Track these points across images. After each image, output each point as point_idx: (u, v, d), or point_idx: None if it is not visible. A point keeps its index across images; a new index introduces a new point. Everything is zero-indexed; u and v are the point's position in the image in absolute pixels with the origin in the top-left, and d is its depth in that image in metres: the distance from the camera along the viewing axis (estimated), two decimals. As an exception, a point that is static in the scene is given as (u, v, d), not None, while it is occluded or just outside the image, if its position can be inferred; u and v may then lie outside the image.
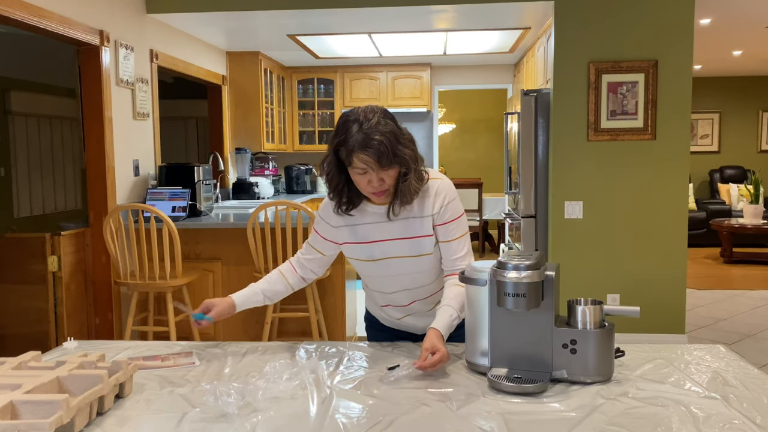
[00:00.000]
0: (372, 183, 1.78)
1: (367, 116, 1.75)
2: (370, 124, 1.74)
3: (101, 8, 4.13)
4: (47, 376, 1.41)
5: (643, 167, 4.48)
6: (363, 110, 1.78)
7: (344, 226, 1.95)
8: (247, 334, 4.45)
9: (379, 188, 1.79)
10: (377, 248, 1.92)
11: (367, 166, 1.75)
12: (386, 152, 1.73)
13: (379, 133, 1.73)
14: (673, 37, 4.38)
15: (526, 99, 4.68)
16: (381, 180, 1.78)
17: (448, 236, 1.90)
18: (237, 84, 6.51)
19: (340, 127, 1.78)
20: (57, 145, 7.09)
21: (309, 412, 1.44)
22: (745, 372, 1.65)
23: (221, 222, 4.32)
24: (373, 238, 1.91)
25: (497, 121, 10.01)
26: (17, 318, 3.99)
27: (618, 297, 4.56)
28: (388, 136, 1.74)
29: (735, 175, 9.62)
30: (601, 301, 1.61)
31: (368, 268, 1.96)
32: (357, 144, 1.72)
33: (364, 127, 1.73)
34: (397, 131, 1.78)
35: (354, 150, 1.73)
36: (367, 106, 1.81)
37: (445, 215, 1.89)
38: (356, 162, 1.75)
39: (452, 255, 1.91)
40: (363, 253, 1.94)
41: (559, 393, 1.54)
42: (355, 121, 1.75)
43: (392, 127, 1.77)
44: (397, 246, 1.90)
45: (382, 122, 1.75)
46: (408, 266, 1.92)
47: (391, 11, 4.73)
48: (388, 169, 1.76)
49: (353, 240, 1.94)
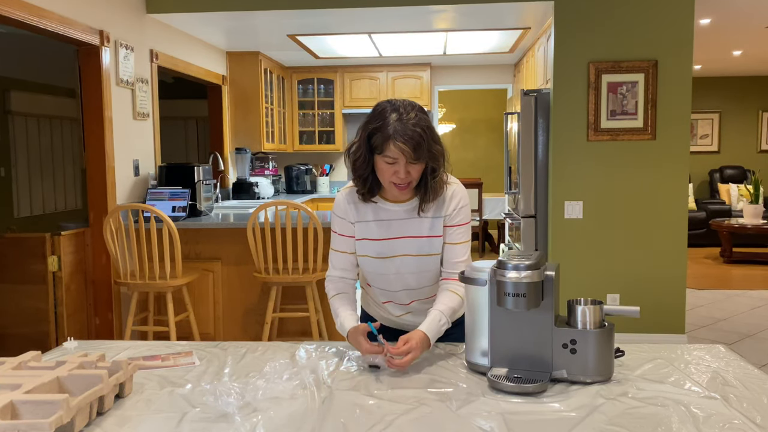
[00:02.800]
0: (398, 174, 1.80)
1: (406, 108, 1.80)
2: (409, 116, 1.78)
3: (101, 8, 4.13)
4: (47, 376, 1.41)
5: (643, 167, 4.48)
6: (402, 102, 1.82)
7: (359, 221, 1.95)
8: (247, 334, 4.45)
9: (405, 180, 1.82)
10: (389, 246, 1.93)
11: (401, 155, 1.77)
12: (423, 144, 1.77)
13: (420, 127, 1.77)
14: (673, 37, 4.38)
15: (526, 99, 4.68)
16: (408, 173, 1.80)
17: (455, 239, 1.93)
18: (237, 84, 6.51)
19: (378, 114, 1.81)
20: (57, 145, 7.09)
21: (309, 412, 1.44)
22: (745, 372, 1.65)
23: (221, 222, 4.32)
24: (387, 236, 1.93)
25: (497, 121, 10.01)
26: (17, 318, 3.99)
27: (618, 297, 4.56)
28: (427, 131, 1.78)
29: (735, 175, 9.62)
30: (601, 301, 1.61)
31: (377, 265, 1.96)
32: (396, 132, 1.75)
33: (403, 118, 1.77)
34: (433, 128, 1.83)
35: (391, 137, 1.76)
36: (405, 100, 1.85)
37: (456, 218, 1.93)
38: (391, 150, 1.77)
39: (454, 258, 1.93)
40: (374, 250, 1.94)
41: (559, 393, 1.54)
42: (395, 110, 1.79)
43: (429, 123, 1.82)
44: (408, 244, 1.92)
45: (420, 116, 1.80)
46: (415, 265, 1.93)
47: (391, 11, 4.74)
48: (417, 163, 1.79)
49: (368, 236, 1.95)
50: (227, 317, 4.49)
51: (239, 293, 4.46)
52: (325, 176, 7.75)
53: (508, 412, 1.43)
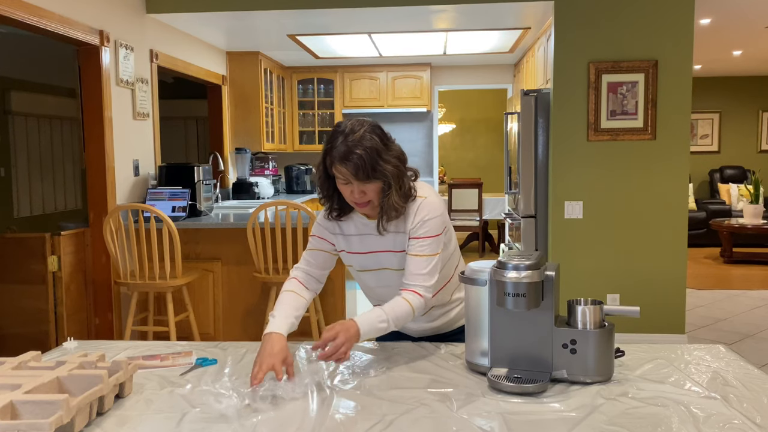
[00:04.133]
0: (353, 194, 1.79)
1: (353, 128, 1.76)
2: (354, 137, 1.74)
3: (101, 8, 4.13)
4: (47, 376, 1.41)
5: (643, 167, 4.48)
6: (352, 122, 1.79)
7: (339, 234, 1.97)
8: (247, 334, 4.45)
9: (360, 200, 1.80)
10: (371, 259, 1.93)
11: (346, 177, 1.76)
12: (363, 167, 1.73)
13: (361, 147, 1.73)
14: (673, 37, 4.38)
15: (526, 99, 4.68)
16: (362, 192, 1.79)
17: (416, 251, 1.83)
18: (237, 84, 6.51)
19: (330, 136, 1.80)
20: (57, 145, 7.09)
21: (309, 412, 1.44)
22: (745, 372, 1.65)
23: (221, 222, 4.32)
24: (365, 249, 1.93)
25: (497, 121, 10.01)
26: (17, 318, 3.98)
27: (618, 297, 4.56)
28: (369, 151, 1.73)
29: (735, 175, 9.62)
30: (601, 301, 1.61)
31: (363, 277, 1.99)
32: (338, 155, 1.75)
33: (348, 140, 1.74)
34: (381, 147, 1.77)
35: (335, 161, 1.76)
36: (359, 118, 1.82)
37: (418, 231, 1.84)
38: (337, 173, 1.78)
39: (414, 270, 1.82)
40: (356, 263, 1.96)
41: (559, 393, 1.54)
42: (342, 132, 1.77)
43: (375, 143, 1.75)
44: (390, 258, 1.91)
45: (367, 137, 1.75)
46: (397, 279, 1.91)
47: (391, 11, 4.73)
48: (367, 183, 1.77)
49: (347, 249, 1.96)
50: (227, 317, 4.49)
51: (239, 293, 4.46)
52: (325, 176, 7.73)
53: (508, 412, 1.43)
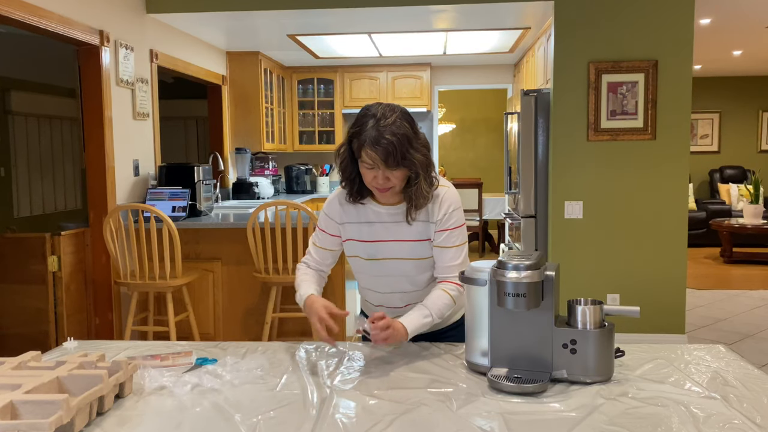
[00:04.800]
0: (377, 179, 1.80)
1: (385, 114, 1.77)
2: (386, 122, 1.75)
3: (101, 8, 4.13)
4: (47, 376, 1.40)
5: (643, 167, 4.48)
6: (383, 107, 1.80)
7: (349, 223, 1.96)
8: (247, 334, 4.45)
9: (384, 186, 1.81)
10: (379, 248, 1.93)
11: (374, 162, 1.76)
12: (394, 153, 1.75)
13: (391, 133, 1.74)
14: (673, 37, 4.38)
15: (526, 99, 4.68)
16: (386, 178, 1.80)
17: (448, 243, 1.91)
18: (237, 84, 6.51)
19: (358, 119, 1.81)
20: (57, 145, 7.09)
21: (309, 412, 1.44)
22: (745, 372, 1.65)
23: (221, 222, 4.32)
24: (376, 238, 1.93)
25: (497, 121, 10.01)
26: (17, 318, 3.98)
27: (618, 297, 4.56)
28: (399, 138, 1.75)
29: (735, 175, 9.62)
30: (601, 301, 1.61)
31: (366, 266, 1.97)
32: (369, 139, 1.75)
33: (379, 124, 1.75)
34: (412, 135, 1.79)
35: (364, 144, 1.76)
36: (389, 104, 1.83)
37: (448, 222, 1.90)
38: (365, 156, 1.77)
39: (448, 262, 1.91)
40: (364, 252, 1.95)
41: (559, 393, 1.54)
42: (372, 116, 1.78)
43: (407, 130, 1.78)
44: (398, 247, 1.91)
45: (398, 123, 1.76)
46: (405, 268, 1.93)
47: (391, 11, 4.74)
48: (394, 169, 1.78)
49: (357, 237, 1.95)
50: (227, 317, 4.49)
51: (239, 293, 4.46)
52: (325, 176, 7.75)
53: (508, 412, 1.43)
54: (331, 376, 1.68)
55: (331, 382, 1.64)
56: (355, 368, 1.74)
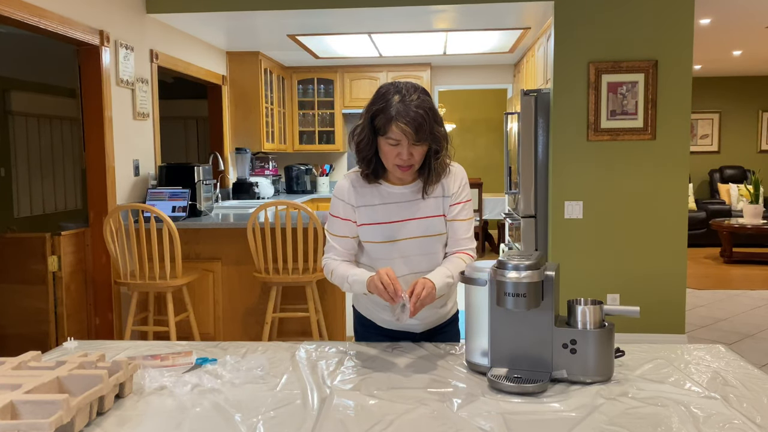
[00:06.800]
0: (401, 156, 1.82)
1: (409, 90, 1.81)
2: (413, 97, 1.79)
3: (101, 8, 4.13)
4: (47, 376, 1.41)
5: (643, 167, 4.48)
6: (405, 84, 1.84)
7: (363, 206, 1.94)
8: (247, 334, 4.45)
9: (407, 162, 1.83)
10: (393, 228, 1.92)
11: (403, 136, 1.78)
12: (425, 126, 1.78)
13: (422, 108, 1.78)
14: (673, 37, 4.38)
15: (526, 99, 4.68)
16: (410, 155, 1.82)
17: (461, 216, 1.96)
18: (237, 84, 6.51)
19: (381, 95, 1.83)
20: (57, 145, 7.09)
21: (309, 413, 1.44)
22: (745, 372, 1.65)
23: (221, 222, 4.32)
24: (392, 219, 1.93)
25: (497, 121, 10.01)
26: (17, 318, 3.98)
27: (618, 297, 4.56)
28: (429, 113, 1.80)
29: (735, 175, 9.62)
30: (601, 301, 1.61)
31: (383, 251, 1.94)
32: (398, 113, 1.77)
33: (407, 99, 1.79)
34: (436, 110, 1.84)
35: (393, 118, 1.77)
36: (408, 81, 1.87)
37: (461, 195, 1.97)
38: (393, 131, 1.79)
39: (462, 234, 1.96)
40: (381, 234, 1.93)
41: (559, 393, 1.54)
42: (398, 92, 1.81)
43: (432, 105, 1.83)
44: (413, 226, 1.92)
45: (422, 98, 1.81)
46: (420, 246, 1.93)
47: (391, 11, 4.73)
48: (419, 144, 1.81)
49: (370, 221, 1.93)
50: (227, 317, 4.49)
51: (239, 293, 4.46)
52: (325, 176, 7.75)
53: (508, 412, 1.43)
54: (331, 376, 1.68)
55: (331, 382, 1.64)
56: (355, 368, 1.74)
